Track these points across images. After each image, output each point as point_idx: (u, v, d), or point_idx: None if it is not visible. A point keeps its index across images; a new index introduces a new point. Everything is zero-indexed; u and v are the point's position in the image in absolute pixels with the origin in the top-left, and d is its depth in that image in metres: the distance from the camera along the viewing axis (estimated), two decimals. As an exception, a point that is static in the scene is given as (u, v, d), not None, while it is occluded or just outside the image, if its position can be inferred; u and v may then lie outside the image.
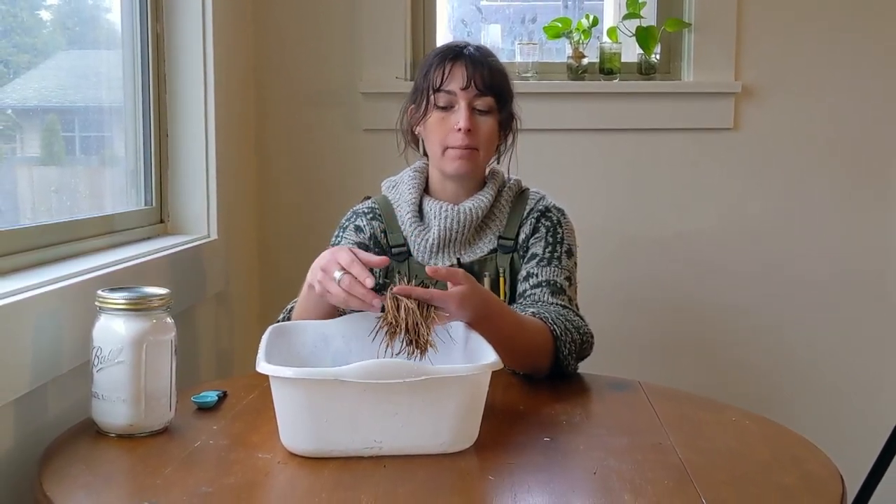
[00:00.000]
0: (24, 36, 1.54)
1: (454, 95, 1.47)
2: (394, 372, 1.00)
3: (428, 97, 1.49)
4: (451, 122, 1.47)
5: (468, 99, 1.47)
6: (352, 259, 1.19)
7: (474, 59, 1.48)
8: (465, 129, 1.45)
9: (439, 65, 1.48)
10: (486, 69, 1.48)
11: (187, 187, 1.92)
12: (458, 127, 1.46)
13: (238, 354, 2.13)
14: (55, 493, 0.94)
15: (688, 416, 1.24)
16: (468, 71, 1.47)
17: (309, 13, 2.33)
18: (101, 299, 1.11)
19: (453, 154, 1.48)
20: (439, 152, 1.49)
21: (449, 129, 1.47)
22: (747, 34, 2.35)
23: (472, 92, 1.47)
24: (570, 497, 0.95)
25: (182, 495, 0.93)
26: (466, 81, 1.46)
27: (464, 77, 1.46)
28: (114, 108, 1.81)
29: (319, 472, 0.99)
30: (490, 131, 1.50)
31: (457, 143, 1.47)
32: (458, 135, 1.46)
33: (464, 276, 1.23)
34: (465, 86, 1.46)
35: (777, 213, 2.40)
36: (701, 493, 0.94)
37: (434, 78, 1.48)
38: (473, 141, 1.47)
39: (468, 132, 1.46)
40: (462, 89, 1.46)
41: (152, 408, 1.11)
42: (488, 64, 1.49)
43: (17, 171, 1.56)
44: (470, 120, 1.46)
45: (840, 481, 0.99)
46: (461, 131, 1.46)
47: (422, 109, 1.51)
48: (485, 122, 1.49)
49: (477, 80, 1.47)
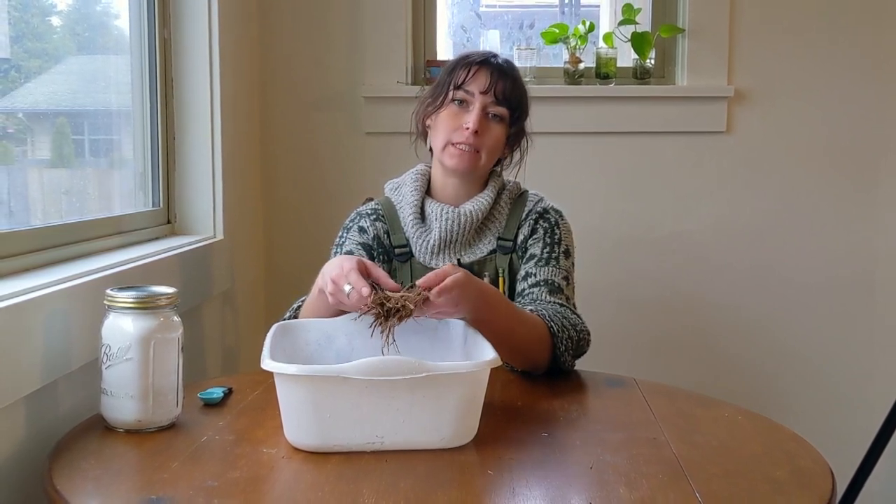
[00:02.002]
0: (35, 41, 1.54)
1: (472, 96, 1.48)
2: (395, 369, 1.00)
3: (447, 91, 1.50)
4: (461, 119, 1.48)
5: (484, 103, 1.48)
6: (350, 268, 1.19)
7: (500, 69, 1.50)
8: (472, 129, 1.46)
9: (466, 65, 1.50)
10: (510, 81, 1.49)
11: (194, 189, 1.92)
12: (466, 126, 1.47)
13: (243, 352, 2.13)
14: (65, 486, 0.94)
15: (682, 412, 1.24)
16: (492, 78, 1.48)
17: (312, 20, 2.33)
18: (109, 298, 1.11)
19: (454, 150, 1.48)
20: (441, 145, 1.50)
21: (458, 125, 1.48)
22: (740, 40, 2.35)
23: (489, 98, 1.48)
24: (567, 491, 0.95)
25: (189, 489, 0.93)
26: (488, 87, 1.47)
27: (486, 82, 1.48)
28: (122, 111, 1.81)
29: (323, 467, 0.99)
30: (496, 139, 1.50)
31: (461, 140, 1.47)
32: (464, 133, 1.47)
33: (452, 268, 1.21)
34: (485, 90, 1.47)
35: (768, 213, 2.40)
36: (694, 487, 0.94)
37: (458, 75, 1.49)
38: (478, 142, 1.47)
39: (475, 133, 1.46)
40: (481, 92, 1.48)
41: (160, 404, 1.11)
42: (512, 77, 1.50)
43: (29, 174, 1.56)
44: (480, 122, 1.47)
45: (830, 475, 0.99)
46: (468, 130, 1.46)
47: (438, 101, 1.52)
48: (494, 129, 1.49)
49: (497, 89, 1.48)
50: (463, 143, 1.47)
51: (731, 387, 2.38)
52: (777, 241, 2.40)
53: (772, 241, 2.40)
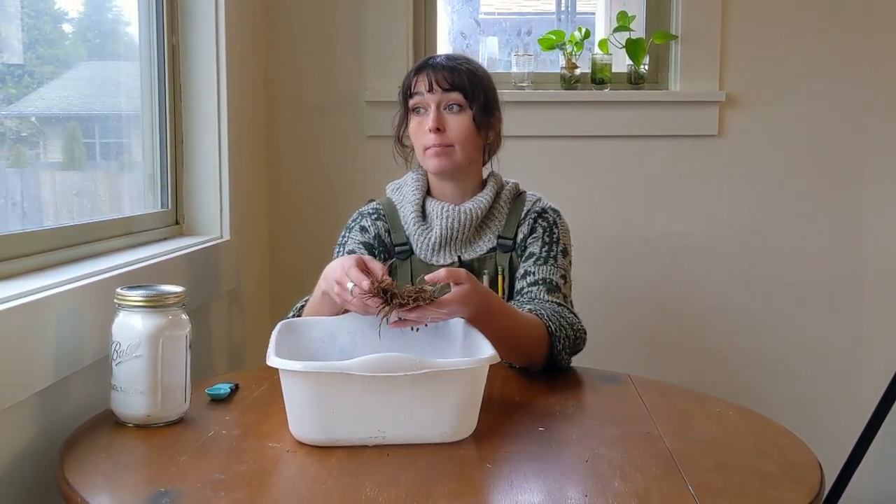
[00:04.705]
0: (48, 47, 1.54)
1: (422, 96, 1.49)
2: (397, 366, 1.00)
3: (406, 106, 1.53)
4: (425, 124, 1.49)
5: (436, 101, 1.49)
6: (350, 265, 1.19)
7: (439, 65, 1.50)
8: (432, 128, 1.48)
9: (410, 75, 1.52)
10: (449, 70, 1.49)
11: (201, 191, 1.92)
12: (427, 127, 1.48)
13: (249, 349, 2.13)
14: (76, 479, 0.94)
15: (675, 408, 1.24)
16: (430, 75, 1.49)
17: (316, 27, 2.33)
18: (119, 297, 1.11)
19: (430, 153, 1.50)
20: (421, 153, 1.52)
21: (424, 131, 1.49)
22: (731, 46, 2.35)
23: (437, 93, 1.48)
24: (564, 483, 0.95)
25: (196, 482, 0.93)
26: (429, 84, 1.48)
27: (428, 80, 1.49)
28: (132, 115, 1.81)
29: (326, 460, 0.99)
30: (463, 126, 1.49)
31: (430, 143, 1.49)
32: (430, 135, 1.48)
33: (466, 275, 1.21)
34: (430, 88, 1.48)
35: (759, 215, 2.40)
36: (687, 480, 0.94)
37: (406, 87, 1.52)
38: (444, 139, 1.48)
39: (437, 131, 1.48)
40: (428, 91, 1.48)
41: (168, 399, 1.11)
42: (452, 66, 1.50)
43: (41, 176, 1.56)
44: (437, 120, 1.48)
45: (818, 468, 1.00)
46: (431, 132, 1.48)
47: (402, 119, 1.55)
48: (456, 120, 1.49)
49: (440, 81, 1.48)
50: (433, 145, 1.48)
51: (721, 383, 2.38)
52: (766, 240, 2.40)
53: (761, 241, 2.40)
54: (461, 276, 1.21)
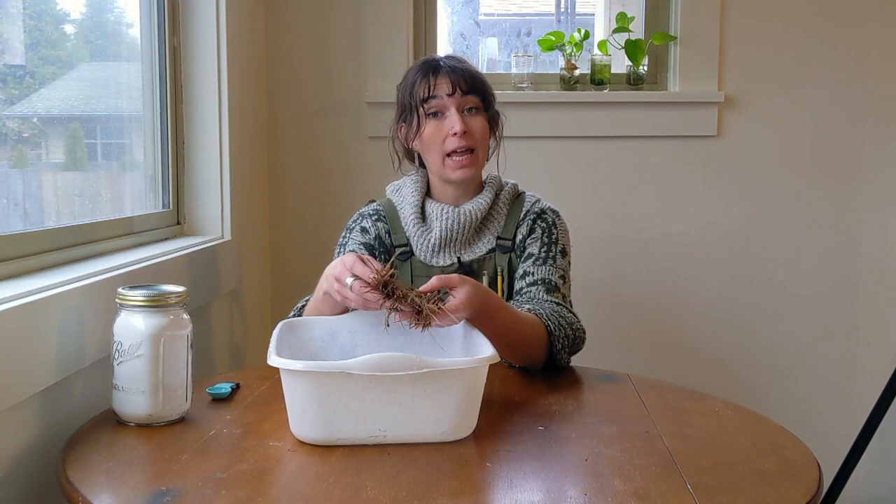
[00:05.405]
0: (50, 49, 1.54)
1: (443, 100, 1.47)
2: (397, 365, 1.00)
3: (418, 111, 1.48)
4: (445, 128, 1.47)
5: (457, 103, 1.47)
6: (354, 261, 1.19)
7: (452, 67, 1.48)
8: (459, 131, 1.45)
9: (423, 79, 1.48)
10: (466, 73, 1.48)
11: (203, 191, 1.92)
12: (453, 131, 1.46)
13: (250, 348, 2.13)
14: (78, 477, 0.94)
15: (673, 407, 1.24)
16: (451, 77, 1.46)
17: (317, 29, 2.33)
18: (121, 296, 1.11)
19: (454, 164, 1.47)
20: (440, 161, 1.48)
21: (445, 135, 1.47)
22: (730, 47, 2.35)
23: (458, 96, 1.47)
24: (563, 482, 0.95)
25: (198, 481, 0.93)
26: (452, 87, 1.46)
27: (448, 84, 1.46)
28: (133, 116, 1.81)
29: (327, 459, 0.99)
30: (483, 129, 1.49)
31: (455, 146, 1.46)
32: (454, 139, 1.46)
33: (459, 278, 1.21)
34: (452, 91, 1.46)
35: (756, 214, 2.40)
36: (685, 478, 0.94)
37: (420, 92, 1.47)
38: (471, 141, 1.47)
39: (464, 134, 1.46)
40: (449, 95, 1.46)
41: (169, 398, 1.11)
42: (464, 68, 1.49)
43: (43, 176, 1.56)
44: (463, 122, 1.46)
45: (816, 467, 0.99)
46: (457, 135, 1.45)
47: (415, 125, 1.49)
48: (476, 122, 1.48)
49: (461, 84, 1.47)
50: (459, 148, 1.46)
51: (719, 383, 2.39)
52: (765, 240, 2.40)
53: (760, 241, 2.40)
54: (453, 280, 1.20)
